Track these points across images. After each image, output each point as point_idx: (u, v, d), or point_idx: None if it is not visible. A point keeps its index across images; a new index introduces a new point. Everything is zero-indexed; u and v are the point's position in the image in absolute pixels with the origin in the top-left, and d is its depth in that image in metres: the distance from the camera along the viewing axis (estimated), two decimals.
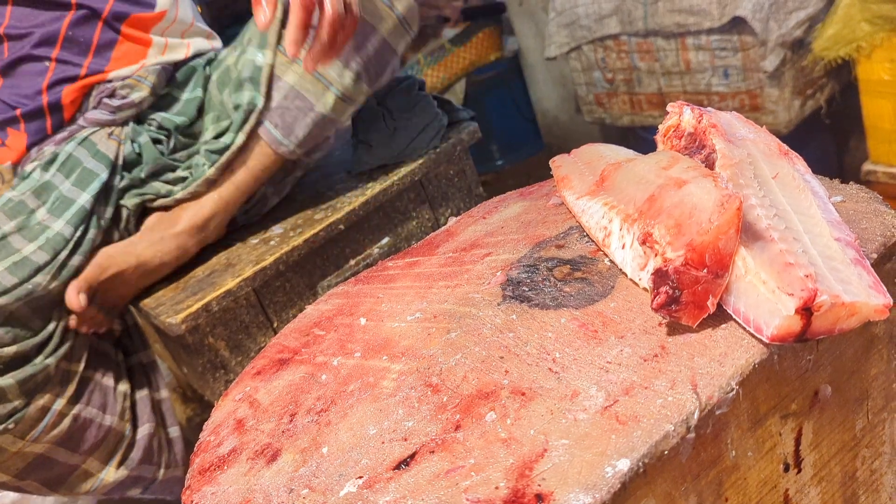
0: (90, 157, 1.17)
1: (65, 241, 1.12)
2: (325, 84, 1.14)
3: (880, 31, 1.65)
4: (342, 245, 1.24)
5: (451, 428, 0.58)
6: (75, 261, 1.13)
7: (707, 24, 1.91)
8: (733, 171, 0.64)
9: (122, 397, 1.21)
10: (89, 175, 1.16)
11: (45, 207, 1.13)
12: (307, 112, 1.15)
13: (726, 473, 0.56)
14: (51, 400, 1.11)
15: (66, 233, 1.12)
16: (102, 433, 1.17)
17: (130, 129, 1.21)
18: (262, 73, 1.14)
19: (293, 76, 1.15)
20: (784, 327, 0.53)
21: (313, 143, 1.20)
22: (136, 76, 1.22)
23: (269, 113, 1.16)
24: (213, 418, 0.73)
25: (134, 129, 1.21)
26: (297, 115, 1.15)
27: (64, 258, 1.11)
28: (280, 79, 1.15)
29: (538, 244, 0.78)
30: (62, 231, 1.12)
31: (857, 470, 0.66)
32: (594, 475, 0.50)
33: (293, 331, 0.82)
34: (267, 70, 1.14)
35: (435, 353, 0.68)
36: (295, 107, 1.15)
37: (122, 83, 1.21)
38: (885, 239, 0.62)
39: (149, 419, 1.23)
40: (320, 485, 0.58)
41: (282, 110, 1.15)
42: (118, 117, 1.20)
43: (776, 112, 1.94)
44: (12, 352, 1.07)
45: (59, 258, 1.11)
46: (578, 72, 2.30)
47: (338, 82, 1.14)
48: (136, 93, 1.20)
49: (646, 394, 0.54)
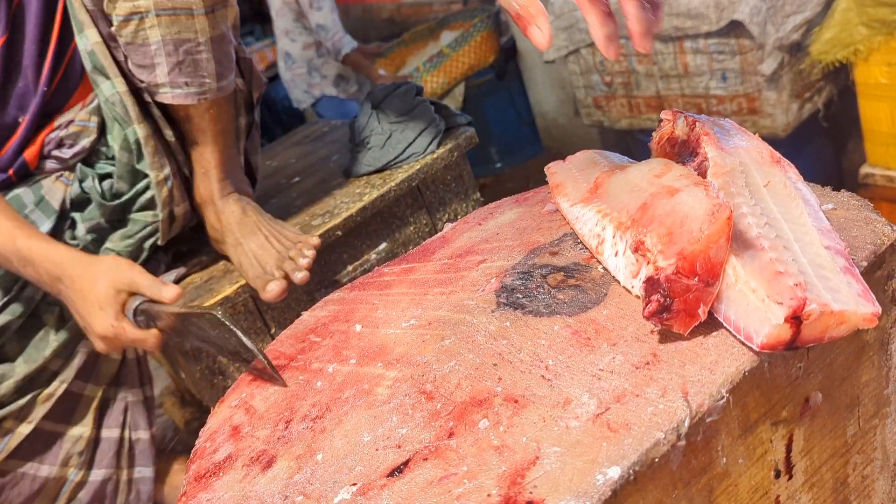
0: (34, 206, 1.13)
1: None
2: (186, 13, 1.01)
3: (877, 35, 1.66)
4: (340, 251, 1.25)
5: (445, 435, 0.59)
6: (1, 320, 1.06)
7: (705, 27, 1.92)
8: (725, 180, 0.65)
9: (73, 441, 1.15)
10: None
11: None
12: (197, 49, 1.04)
13: (717, 480, 0.56)
14: None
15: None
16: (38, 484, 1.12)
17: (78, 170, 1.17)
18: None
19: (156, 31, 1.02)
20: (774, 336, 0.53)
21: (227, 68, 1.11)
22: (79, 121, 1.15)
23: (167, 82, 1.06)
24: (209, 425, 0.73)
25: (81, 171, 1.16)
26: (192, 58, 1.04)
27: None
28: (146, 42, 1.03)
29: (533, 251, 0.79)
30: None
31: (849, 476, 0.66)
32: (585, 483, 0.50)
33: (289, 337, 0.83)
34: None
35: (429, 360, 0.68)
36: (184, 52, 1.04)
37: (67, 131, 1.14)
38: (875, 247, 0.62)
39: (108, 464, 1.18)
40: (315, 491, 0.59)
41: (177, 68, 1.05)
42: (70, 164, 1.16)
43: (774, 115, 1.95)
44: None
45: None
46: (577, 75, 2.31)
47: (195, 2, 1.01)
48: (85, 139, 1.15)
49: (637, 401, 0.55)
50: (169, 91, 1.06)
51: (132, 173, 1.14)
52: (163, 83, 1.05)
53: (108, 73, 1.06)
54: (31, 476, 1.11)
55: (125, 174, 1.14)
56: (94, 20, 1.05)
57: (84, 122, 1.14)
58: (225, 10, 1.05)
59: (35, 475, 1.12)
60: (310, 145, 1.61)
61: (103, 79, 1.07)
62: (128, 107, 1.08)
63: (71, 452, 1.14)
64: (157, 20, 1.01)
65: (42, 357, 1.09)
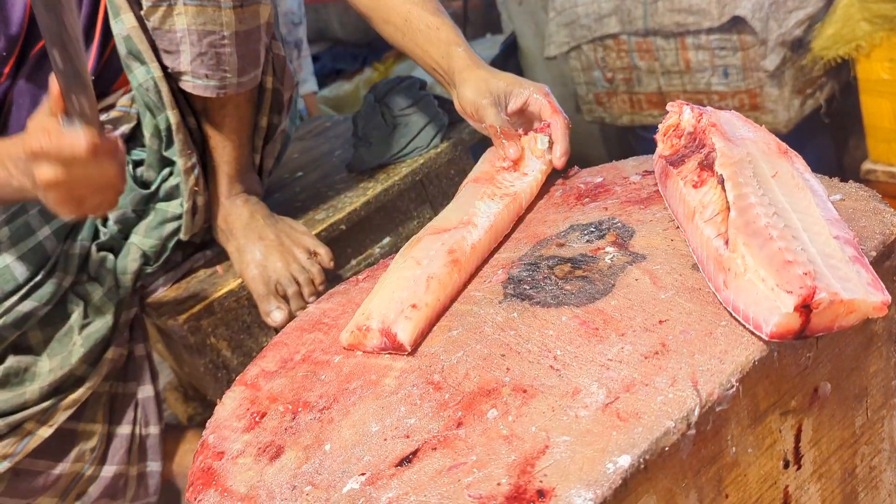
0: None
1: (16, 284, 1.05)
2: (213, 5, 1.00)
3: (879, 31, 1.66)
4: (343, 245, 1.24)
5: (453, 425, 0.59)
6: (26, 306, 1.05)
7: (707, 23, 1.91)
8: (732, 170, 0.64)
9: (86, 438, 1.14)
10: None
11: (5, 230, 1.07)
12: (222, 42, 1.02)
13: (727, 470, 0.56)
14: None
15: (17, 273, 1.05)
16: (51, 480, 1.12)
17: None
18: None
19: (182, 19, 1.01)
20: (783, 324, 0.53)
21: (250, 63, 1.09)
22: (120, 106, 1.14)
23: (189, 71, 1.05)
24: (216, 417, 0.73)
25: None
26: (214, 51, 1.03)
27: (12, 304, 1.04)
28: (172, 28, 1.02)
29: (539, 243, 0.79)
30: (13, 269, 1.05)
31: (857, 467, 0.66)
32: (595, 471, 0.50)
33: (295, 329, 0.83)
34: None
35: (436, 350, 0.68)
36: (207, 44, 1.02)
37: (108, 116, 1.13)
38: (884, 237, 0.62)
39: (120, 460, 1.17)
40: (323, 481, 0.59)
41: (199, 59, 1.03)
42: None
43: (776, 111, 1.94)
44: None
45: (5, 303, 1.04)
46: (578, 71, 2.30)
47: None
48: (125, 124, 1.13)
49: (646, 391, 0.55)
50: (190, 80, 1.06)
51: (160, 161, 1.14)
52: (185, 71, 1.05)
53: (144, 58, 1.06)
54: (46, 473, 1.11)
55: (154, 162, 1.14)
56: (129, 4, 1.05)
57: (125, 107, 1.14)
58: (257, 6, 1.04)
59: (49, 472, 1.11)
60: (312, 140, 1.61)
61: (138, 64, 1.07)
62: (162, 92, 1.07)
63: (84, 449, 1.14)
64: (184, 9, 1.00)
65: (69, 364, 1.07)
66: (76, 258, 1.10)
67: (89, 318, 1.10)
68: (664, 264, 0.68)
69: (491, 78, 0.95)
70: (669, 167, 0.73)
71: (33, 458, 1.09)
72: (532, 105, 0.94)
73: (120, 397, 1.18)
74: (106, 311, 1.11)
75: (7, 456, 1.05)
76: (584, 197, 0.85)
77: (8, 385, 1.05)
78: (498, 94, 0.94)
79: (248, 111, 1.15)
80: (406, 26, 1.04)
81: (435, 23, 1.02)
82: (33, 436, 1.07)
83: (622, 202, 0.80)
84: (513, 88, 0.94)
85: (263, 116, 1.19)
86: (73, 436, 1.13)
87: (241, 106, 1.12)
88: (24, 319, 1.06)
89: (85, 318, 1.10)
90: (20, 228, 1.07)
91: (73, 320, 1.09)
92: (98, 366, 1.11)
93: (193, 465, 0.67)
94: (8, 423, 1.04)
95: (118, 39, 1.06)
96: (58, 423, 1.08)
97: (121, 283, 1.13)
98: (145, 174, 1.15)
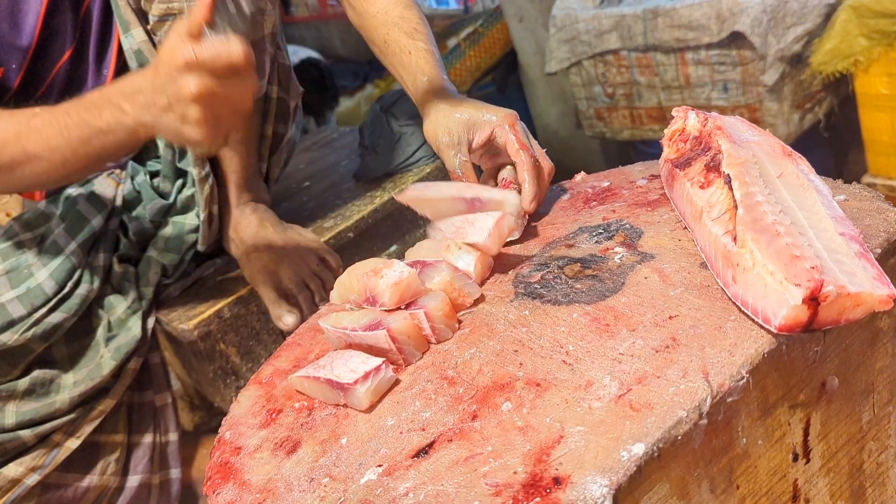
0: (84, 200, 1.14)
1: (45, 297, 1.06)
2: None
3: (877, 46, 1.68)
4: (352, 252, 1.26)
5: (468, 417, 0.60)
6: (55, 318, 1.07)
7: (706, 38, 1.94)
8: (739, 170, 0.66)
9: (111, 449, 1.15)
10: (80, 220, 1.12)
11: (34, 251, 1.09)
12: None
13: (737, 461, 0.57)
14: (23, 473, 1.05)
15: (47, 287, 1.07)
16: (80, 493, 1.12)
17: (130, 167, 1.19)
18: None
19: None
20: (792, 317, 0.54)
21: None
22: None
23: None
24: (232, 414, 0.74)
25: (133, 168, 1.18)
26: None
27: (41, 315, 1.05)
28: None
29: (549, 244, 0.80)
30: (43, 284, 1.07)
31: (864, 462, 0.67)
32: (610, 459, 0.51)
33: (308, 330, 0.84)
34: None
35: (449, 347, 0.69)
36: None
37: None
38: (888, 235, 0.64)
39: (143, 469, 1.18)
40: (341, 473, 0.60)
41: None
42: (122, 161, 1.18)
43: (775, 126, 1.97)
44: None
45: (34, 315, 1.05)
46: (579, 87, 2.33)
47: None
48: None
49: (658, 383, 0.56)
50: None
51: (174, 172, 1.15)
52: None
53: None
54: (74, 487, 1.11)
55: (169, 173, 1.15)
56: (138, 19, 1.06)
57: None
58: (261, 17, 1.05)
59: (78, 485, 1.11)
60: (318, 151, 1.63)
61: None
62: None
63: (108, 461, 1.14)
64: None
65: (99, 376, 1.08)
66: (100, 270, 1.12)
67: (113, 330, 1.11)
68: (673, 263, 0.69)
69: (452, 112, 0.91)
70: (676, 170, 0.75)
71: (61, 471, 1.09)
72: (498, 138, 0.89)
73: (138, 407, 1.18)
74: (131, 323, 1.12)
75: (36, 469, 1.06)
76: (591, 200, 0.87)
77: (34, 395, 1.06)
78: (458, 131, 0.90)
79: (254, 121, 1.17)
80: (385, 48, 1.03)
81: (408, 46, 1.00)
82: (61, 448, 1.08)
83: (629, 205, 0.82)
84: (476, 120, 0.90)
85: (269, 126, 1.21)
86: (97, 448, 1.13)
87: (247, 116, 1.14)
88: (53, 331, 1.07)
89: (109, 331, 1.11)
90: (49, 248, 1.09)
91: (100, 334, 1.11)
92: (121, 376, 1.11)
93: (211, 461, 0.68)
94: (37, 433, 1.05)
95: (129, 54, 1.08)
96: (84, 435, 1.09)
97: (143, 295, 1.14)
98: (161, 185, 1.17)
